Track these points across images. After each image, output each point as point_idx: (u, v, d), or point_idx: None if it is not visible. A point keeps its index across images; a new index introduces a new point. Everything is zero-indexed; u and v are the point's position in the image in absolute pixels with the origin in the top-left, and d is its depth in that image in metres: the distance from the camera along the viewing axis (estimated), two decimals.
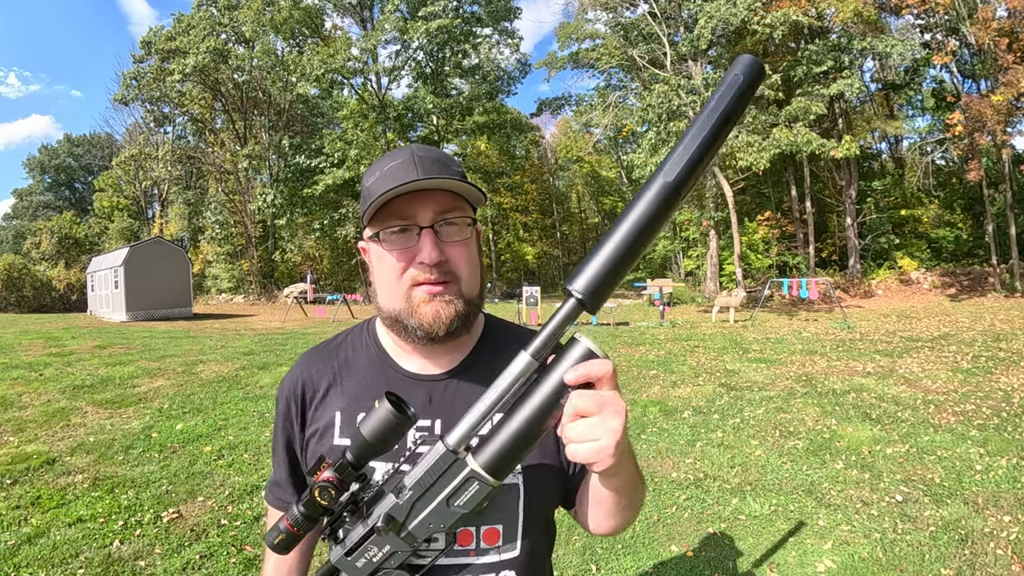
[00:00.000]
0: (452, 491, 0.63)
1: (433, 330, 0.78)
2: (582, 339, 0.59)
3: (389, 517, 0.64)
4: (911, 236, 21.97)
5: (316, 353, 0.94)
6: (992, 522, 3.12)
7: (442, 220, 0.78)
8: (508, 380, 0.59)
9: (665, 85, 18.09)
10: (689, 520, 3.38)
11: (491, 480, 0.61)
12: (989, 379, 6.33)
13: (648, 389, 6.67)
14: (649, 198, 0.54)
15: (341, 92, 28.29)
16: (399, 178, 0.74)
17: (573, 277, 0.56)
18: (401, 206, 0.76)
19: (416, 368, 0.87)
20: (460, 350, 0.87)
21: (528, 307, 13.74)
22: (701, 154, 0.54)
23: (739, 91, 0.54)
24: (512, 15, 26.92)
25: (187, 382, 7.21)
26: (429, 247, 0.76)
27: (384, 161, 0.80)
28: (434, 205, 0.77)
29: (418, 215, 0.77)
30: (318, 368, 0.91)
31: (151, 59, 27.73)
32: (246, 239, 30.01)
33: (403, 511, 0.64)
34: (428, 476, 0.63)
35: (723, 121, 0.54)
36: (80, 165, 51.30)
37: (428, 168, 0.76)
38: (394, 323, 0.82)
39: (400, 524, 0.65)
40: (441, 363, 0.86)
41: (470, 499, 0.63)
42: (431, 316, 0.77)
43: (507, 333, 0.94)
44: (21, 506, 3.56)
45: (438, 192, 0.77)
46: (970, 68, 19.09)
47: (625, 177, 37.97)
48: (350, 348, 0.92)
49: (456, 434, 0.62)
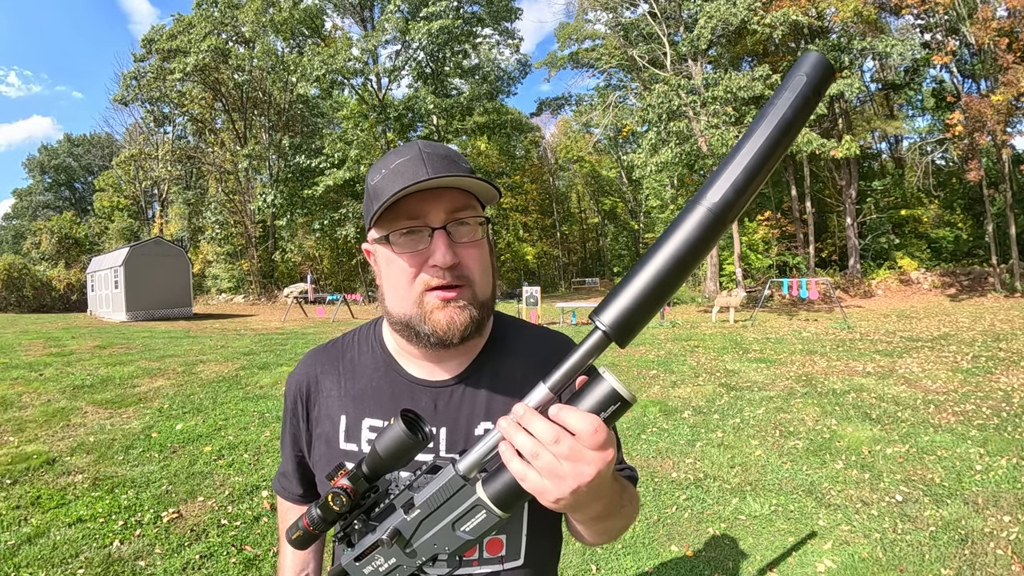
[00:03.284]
0: (459, 516, 0.61)
1: (448, 337, 0.74)
2: (606, 375, 0.52)
3: (396, 532, 0.64)
4: (911, 236, 21.99)
5: (322, 352, 0.92)
6: (992, 522, 3.12)
7: (454, 220, 0.74)
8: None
9: (665, 85, 18.09)
10: (689, 520, 3.38)
11: (498, 512, 0.59)
12: (989, 379, 6.33)
13: (648, 389, 6.67)
14: (689, 226, 0.48)
15: (342, 92, 28.29)
16: (408, 176, 0.70)
17: (601, 308, 0.51)
18: (411, 206, 0.72)
19: (422, 373, 0.84)
20: (468, 354, 0.85)
21: (528, 307, 13.74)
22: (751, 175, 0.46)
23: (803, 97, 0.45)
24: (513, 15, 26.92)
25: (187, 382, 7.21)
26: (443, 249, 0.71)
27: (390, 159, 0.76)
28: (445, 204, 0.73)
29: (429, 215, 0.73)
30: (323, 368, 0.89)
31: (152, 58, 27.73)
32: (246, 239, 30.01)
33: (410, 528, 0.64)
34: (436, 497, 0.62)
35: (782, 133, 0.46)
36: (80, 165, 51.34)
37: (438, 165, 0.72)
38: (404, 328, 0.78)
39: (406, 540, 0.64)
40: (448, 368, 0.83)
41: (477, 526, 0.61)
42: (445, 323, 0.74)
43: (516, 335, 0.90)
44: (21, 506, 3.56)
45: (449, 190, 0.73)
46: (970, 68, 19.09)
47: (625, 177, 38.01)
48: (356, 349, 0.90)
49: (468, 460, 0.60)
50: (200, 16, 26.36)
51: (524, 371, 0.85)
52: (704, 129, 17.81)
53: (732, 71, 19.21)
